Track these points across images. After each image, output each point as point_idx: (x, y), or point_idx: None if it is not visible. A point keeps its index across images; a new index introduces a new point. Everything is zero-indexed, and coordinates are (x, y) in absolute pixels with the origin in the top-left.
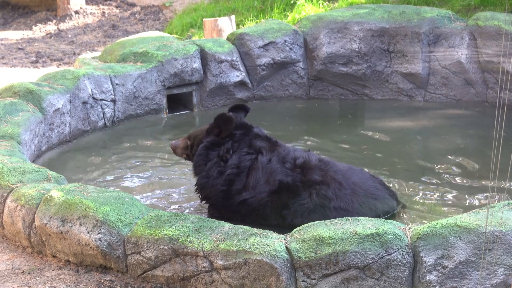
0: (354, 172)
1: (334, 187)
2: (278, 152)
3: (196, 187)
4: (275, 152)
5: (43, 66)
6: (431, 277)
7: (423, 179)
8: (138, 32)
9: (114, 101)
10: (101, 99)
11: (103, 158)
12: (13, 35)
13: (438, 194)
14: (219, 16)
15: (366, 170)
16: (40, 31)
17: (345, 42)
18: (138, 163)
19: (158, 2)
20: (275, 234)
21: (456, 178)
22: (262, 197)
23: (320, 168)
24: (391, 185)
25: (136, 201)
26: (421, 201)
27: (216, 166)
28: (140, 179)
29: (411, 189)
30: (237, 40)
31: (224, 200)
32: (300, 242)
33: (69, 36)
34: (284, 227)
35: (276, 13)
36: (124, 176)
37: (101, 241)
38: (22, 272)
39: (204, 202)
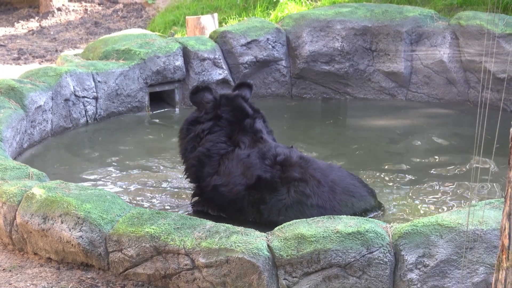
0: (332, 170)
1: (312, 185)
2: (258, 148)
3: (180, 157)
4: (256, 148)
5: (25, 63)
6: (412, 275)
7: (404, 178)
8: (120, 29)
9: (96, 98)
10: (83, 97)
11: (85, 156)
12: None
13: (419, 192)
14: (202, 14)
15: (347, 168)
16: (22, 28)
17: (327, 40)
18: (120, 161)
19: (141, 0)
20: (257, 232)
21: (438, 177)
22: (238, 190)
23: (300, 166)
24: (371, 184)
25: (118, 198)
26: (402, 199)
27: (192, 141)
28: (122, 176)
29: (392, 188)
30: (219, 38)
31: (199, 179)
32: (282, 240)
33: (52, 33)
34: (261, 224)
35: (259, 11)
36: (106, 174)
37: (83, 238)
38: (3, 270)
39: (186, 177)
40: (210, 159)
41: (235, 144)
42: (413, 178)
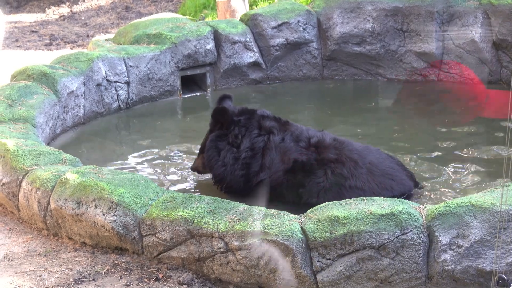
0: (370, 152)
1: (349, 166)
2: (291, 131)
3: (214, 179)
4: (288, 131)
5: (56, 49)
6: (446, 256)
7: (438, 158)
8: (151, 13)
9: (128, 83)
10: (115, 81)
11: (118, 140)
12: (26, 17)
13: (453, 173)
14: None
15: (382, 149)
16: (54, 14)
17: (358, 21)
18: (152, 145)
19: None
20: (290, 215)
21: (471, 157)
22: (278, 176)
23: (335, 147)
24: (406, 165)
25: (151, 182)
26: (436, 180)
27: (229, 152)
28: (154, 160)
29: (426, 169)
30: (250, 21)
31: (245, 183)
32: (315, 223)
33: (83, 18)
34: (300, 205)
35: None
36: (139, 158)
37: (117, 223)
38: (38, 254)
39: (227, 191)
40: (255, 158)
41: (267, 130)
42: (446, 158)
